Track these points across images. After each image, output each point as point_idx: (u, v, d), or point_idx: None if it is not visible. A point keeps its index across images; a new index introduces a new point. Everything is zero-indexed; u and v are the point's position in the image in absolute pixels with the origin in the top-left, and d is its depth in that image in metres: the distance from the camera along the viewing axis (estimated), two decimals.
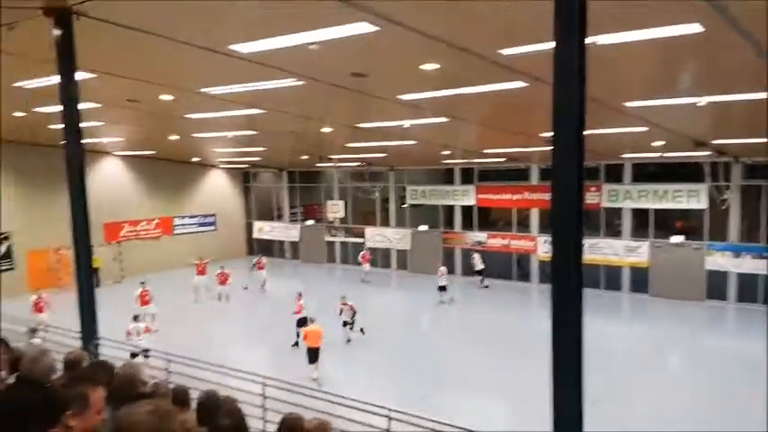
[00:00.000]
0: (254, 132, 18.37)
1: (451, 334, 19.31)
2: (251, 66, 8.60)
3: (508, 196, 26.80)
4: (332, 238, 32.43)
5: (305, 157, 27.25)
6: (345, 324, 17.82)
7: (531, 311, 22.49)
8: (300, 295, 18.19)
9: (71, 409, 2.54)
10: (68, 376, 2.71)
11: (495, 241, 27.52)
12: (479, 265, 25.96)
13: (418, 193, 29.50)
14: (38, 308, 17.75)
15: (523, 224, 27.28)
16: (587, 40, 4.53)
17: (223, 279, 22.30)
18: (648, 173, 24.26)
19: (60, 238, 19.88)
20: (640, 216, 24.43)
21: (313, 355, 14.72)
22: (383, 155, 24.51)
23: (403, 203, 30.24)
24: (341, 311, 18.07)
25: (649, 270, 23.83)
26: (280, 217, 34.85)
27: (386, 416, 8.01)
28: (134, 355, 12.46)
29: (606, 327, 19.33)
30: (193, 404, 4.70)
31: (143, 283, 19.40)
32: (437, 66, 8.62)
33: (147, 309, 18.41)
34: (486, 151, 22.01)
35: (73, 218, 9.20)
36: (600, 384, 12.66)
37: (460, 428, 7.39)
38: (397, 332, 19.65)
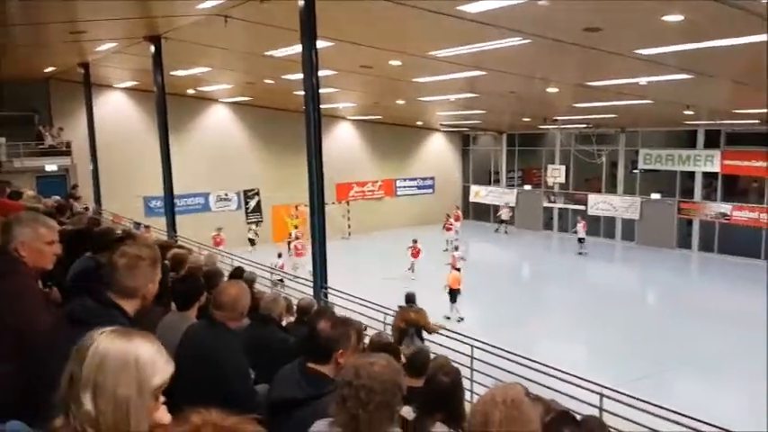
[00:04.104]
0: (475, 95, 18.33)
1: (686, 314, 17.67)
2: (476, 26, 8.50)
3: (762, 164, 23.24)
4: (550, 204, 31.33)
5: (526, 119, 26.52)
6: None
7: None
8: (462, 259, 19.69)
9: (341, 348, 2.68)
10: (332, 319, 2.81)
11: (742, 214, 24.21)
12: (582, 234, 26.07)
13: (653, 158, 26.85)
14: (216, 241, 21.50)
15: None
16: None
17: (415, 253, 21.47)
18: None
19: (299, 196, 21.93)
20: None
21: (452, 296, 16.77)
22: (613, 115, 22.86)
23: (634, 168, 27.93)
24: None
25: None
26: (497, 181, 34.48)
27: (598, 393, 7.44)
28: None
29: None
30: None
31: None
32: (681, 17, 7.73)
33: None
34: (737, 111, 19.29)
35: (310, 178, 10.13)
36: None
37: (685, 415, 6.51)
38: (621, 307, 18.49)
